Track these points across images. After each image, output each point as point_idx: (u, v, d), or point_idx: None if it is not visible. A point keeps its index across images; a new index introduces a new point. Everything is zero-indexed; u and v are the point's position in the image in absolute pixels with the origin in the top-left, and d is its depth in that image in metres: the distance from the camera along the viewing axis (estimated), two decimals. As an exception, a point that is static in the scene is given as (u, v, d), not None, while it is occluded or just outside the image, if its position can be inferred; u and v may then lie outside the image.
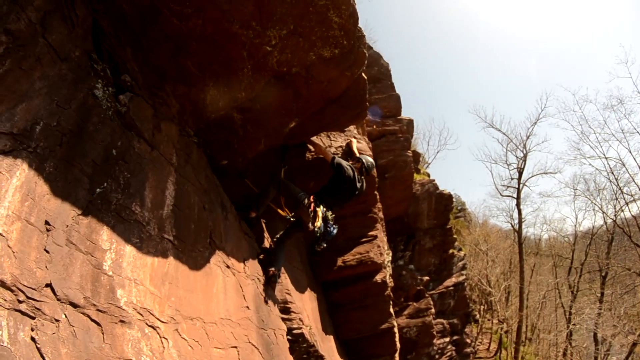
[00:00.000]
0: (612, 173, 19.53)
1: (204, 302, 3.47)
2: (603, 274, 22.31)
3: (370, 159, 5.56)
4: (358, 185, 5.33)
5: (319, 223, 4.82)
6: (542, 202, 56.24)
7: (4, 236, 1.86)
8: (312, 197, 5.05)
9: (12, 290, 1.83)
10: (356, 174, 5.31)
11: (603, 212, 22.17)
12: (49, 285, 2.04)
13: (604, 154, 19.51)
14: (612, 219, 21.02)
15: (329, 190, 5.23)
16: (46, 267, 2.05)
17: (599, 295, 21.99)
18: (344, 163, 5.30)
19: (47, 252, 2.09)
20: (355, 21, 3.79)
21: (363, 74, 4.71)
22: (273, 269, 4.96)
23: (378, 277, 7.68)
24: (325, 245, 5.33)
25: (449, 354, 15.61)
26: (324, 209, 5.01)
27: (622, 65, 37.87)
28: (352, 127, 6.99)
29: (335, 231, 5.18)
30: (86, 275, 2.30)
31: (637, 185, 18.97)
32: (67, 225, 2.27)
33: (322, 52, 3.85)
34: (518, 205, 22.38)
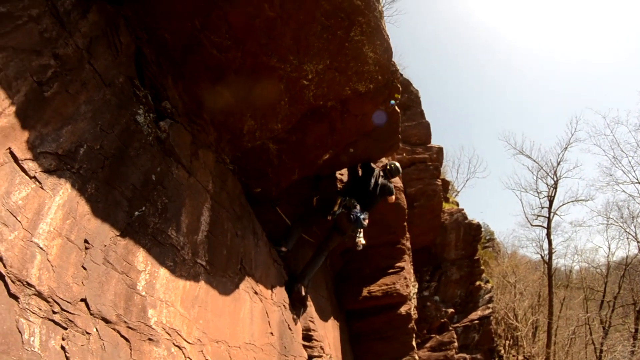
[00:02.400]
0: (647, 199, 18.59)
1: (230, 326, 3.50)
2: (637, 308, 21.09)
3: (396, 163, 5.71)
4: (383, 181, 5.44)
5: (336, 208, 4.98)
6: (574, 232, 53.64)
7: (44, 250, 1.93)
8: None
9: (47, 301, 1.89)
10: (380, 172, 5.51)
11: (637, 241, 21.09)
12: (83, 300, 2.11)
13: (637, 179, 18.60)
14: (647, 248, 19.96)
15: (354, 188, 5.31)
16: (82, 283, 2.12)
17: (633, 330, 20.70)
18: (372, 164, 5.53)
19: (85, 269, 2.16)
20: (389, 56, 3.85)
21: (396, 107, 4.75)
22: (301, 284, 4.96)
23: (403, 309, 7.56)
24: (364, 242, 5.12)
25: (471, 390, 15.07)
26: (347, 198, 5.10)
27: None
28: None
29: (364, 218, 5.06)
30: (120, 293, 2.37)
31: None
32: (105, 245, 2.34)
33: (358, 87, 3.92)
34: (548, 235, 21.49)
